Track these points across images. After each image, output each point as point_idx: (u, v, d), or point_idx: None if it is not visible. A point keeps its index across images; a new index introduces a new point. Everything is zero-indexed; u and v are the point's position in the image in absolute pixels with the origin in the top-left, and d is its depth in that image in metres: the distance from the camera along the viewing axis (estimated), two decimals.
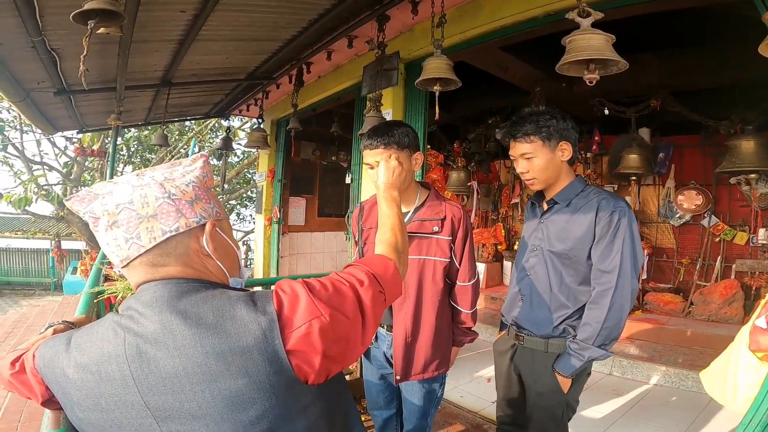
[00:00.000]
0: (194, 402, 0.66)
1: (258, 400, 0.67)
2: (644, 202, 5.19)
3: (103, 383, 0.69)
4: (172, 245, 0.74)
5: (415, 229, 1.63)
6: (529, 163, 1.55)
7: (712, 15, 3.08)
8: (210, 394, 0.66)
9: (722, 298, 4.31)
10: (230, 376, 0.66)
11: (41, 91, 3.66)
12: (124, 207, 0.72)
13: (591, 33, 1.55)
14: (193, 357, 0.66)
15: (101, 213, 0.73)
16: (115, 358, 0.69)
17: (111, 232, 0.73)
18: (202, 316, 0.69)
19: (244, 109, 5.77)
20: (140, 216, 0.72)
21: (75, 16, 1.45)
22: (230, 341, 0.67)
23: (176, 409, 0.67)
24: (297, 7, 2.83)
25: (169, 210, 0.73)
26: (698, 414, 2.85)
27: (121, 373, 0.68)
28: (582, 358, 1.46)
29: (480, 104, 5.37)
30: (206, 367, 0.66)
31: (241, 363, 0.66)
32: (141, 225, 0.72)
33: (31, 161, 11.25)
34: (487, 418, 2.82)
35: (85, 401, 0.70)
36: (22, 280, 13.84)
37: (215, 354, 0.66)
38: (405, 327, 1.63)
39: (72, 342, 0.74)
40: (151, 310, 0.70)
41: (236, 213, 17.77)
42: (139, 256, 0.73)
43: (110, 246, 0.74)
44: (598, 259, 1.47)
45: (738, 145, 3.68)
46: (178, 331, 0.67)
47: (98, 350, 0.70)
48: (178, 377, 0.66)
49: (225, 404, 0.66)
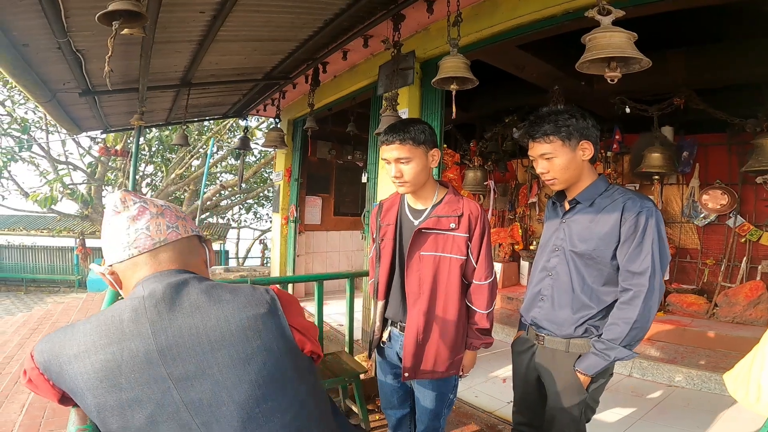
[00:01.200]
0: (215, 367, 0.75)
1: (269, 361, 0.78)
2: (667, 201, 5.08)
3: (124, 359, 0.74)
4: (194, 243, 0.94)
5: (432, 225, 1.62)
6: (550, 164, 1.52)
7: (736, 11, 3.01)
8: (229, 358, 0.76)
9: (747, 299, 4.18)
10: (246, 339, 0.77)
11: (67, 92, 3.76)
12: (167, 206, 0.92)
13: (612, 31, 1.52)
14: (216, 325, 0.78)
15: (150, 204, 0.90)
16: (138, 332, 0.76)
17: (155, 220, 0.88)
18: (221, 294, 0.82)
19: (261, 109, 5.84)
20: (178, 216, 0.92)
21: (100, 17, 1.49)
22: (248, 310, 0.80)
23: (196, 373, 0.75)
24: (313, 7, 2.85)
25: (189, 219, 0.96)
26: (720, 417, 2.78)
27: (145, 345, 0.75)
28: (608, 358, 1.44)
29: (497, 103, 5.32)
30: (228, 332, 0.77)
31: (255, 327, 0.79)
32: (179, 221, 0.91)
33: (56, 161, 11.59)
34: (502, 419, 2.80)
35: (102, 385, 0.73)
36: (48, 278, 14.24)
37: (235, 321, 0.78)
38: (417, 324, 1.62)
39: (79, 329, 0.78)
40: (172, 285, 0.82)
41: (253, 212, 18.01)
42: (173, 242, 0.88)
43: (150, 229, 0.87)
44: (626, 260, 1.44)
45: (764, 144, 3.58)
46: (204, 304, 0.79)
47: (117, 325, 0.77)
48: (197, 336, 0.76)
49: (242, 366, 0.76)
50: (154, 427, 0.72)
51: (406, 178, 1.59)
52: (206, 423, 0.74)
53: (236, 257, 18.26)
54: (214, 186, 13.33)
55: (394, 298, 1.73)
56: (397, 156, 1.57)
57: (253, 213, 18.10)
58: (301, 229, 6.31)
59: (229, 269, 9.29)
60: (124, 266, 0.85)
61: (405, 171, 1.58)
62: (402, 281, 1.67)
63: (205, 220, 15.58)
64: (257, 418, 0.75)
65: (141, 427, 0.72)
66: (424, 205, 1.69)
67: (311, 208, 6.61)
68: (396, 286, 1.71)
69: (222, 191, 13.14)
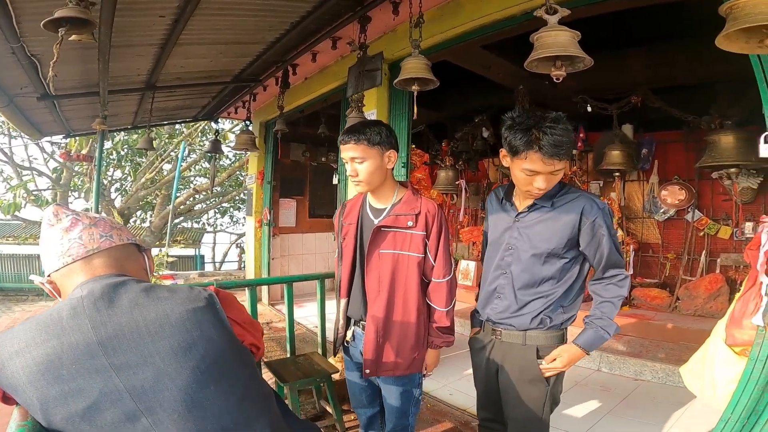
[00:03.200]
0: (156, 356, 0.78)
1: (210, 348, 0.82)
2: (629, 197, 5.24)
3: (65, 351, 0.75)
4: (130, 251, 0.98)
5: (390, 223, 1.66)
6: (545, 179, 1.49)
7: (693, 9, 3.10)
8: (170, 347, 0.79)
9: (707, 292, 4.35)
10: (186, 330, 0.81)
11: (24, 97, 3.65)
12: (101, 218, 0.96)
13: (557, 30, 1.57)
14: (155, 319, 0.81)
15: (83, 216, 0.94)
16: (77, 327, 0.78)
17: (88, 230, 0.92)
18: (158, 291, 0.86)
19: (233, 112, 5.77)
20: (113, 226, 0.96)
21: (46, 24, 1.46)
22: (186, 303, 0.84)
23: (138, 362, 0.78)
24: (278, 9, 2.84)
25: (125, 230, 1.00)
26: (684, 409, 2.88)
27: (85, 338, 0.76)
28: (607, 335, 1.55)
29: (467, 103, 5.40)
30: (166, 326, 0.80)
31: (195, 319, 0.82)
32: (113, 230, 0.95)
33: (19, 166, 11.16)
34: (475, 416, 2.83)
35: (44, 377, 0.74)
36: (15, 286, 13.71)
37: (174, 315, 0.82)
38: (377, 321, 1.65)
39: (18, 329, 0.80)
40: (110, 287, 0.85)
41: (229, 215, 17.72)
42: (107, 248, 0.92)
43: (83, 238, 0.90)
44: (597, 258, 1.56)
45: (718, 140, 3.73)
46: (143, 302, 0.82)
47: (57, 322, 0.78)
48: (141, 336, 0.79)
49: (183, 354, 0.79)
50: (99, 414, 0.74)
51: (361, 177, 1.64)
52: (150, 408, 0.76)
53: (213, 261, 17.94)
54: (187, 190, 13.06)
55: (355, 297, 1.76)
56: (352, 155, 1.63)
57: (229, 216, 17.82)
58: (276, 231, 6.26)
59: (204, 274, 9.12)
60: (60, 274, 0.89)
61: (360, 170, 1.63)
62: (362, 279, 1.70)
63: (179, 225, 15.26)
64: (201, 402, 0.78)
65: (85, 416, 0.74)
66: (384, 204, 1.72)
67: (286, 211, 6.56)
68: (357, 284, 1.74)
69: (195, 195, 12.89)
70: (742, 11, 1.25)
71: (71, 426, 0.74)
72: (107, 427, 0.74)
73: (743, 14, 1.24)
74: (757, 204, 4.42)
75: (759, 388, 1.63)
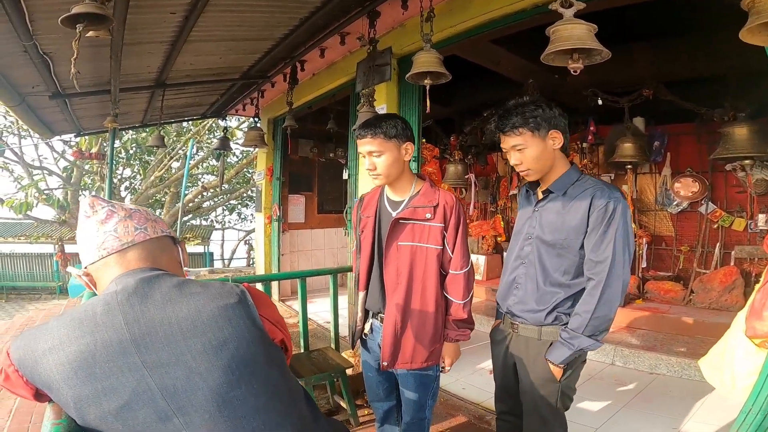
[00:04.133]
0: (188, 354, 0.77)
1: (241, 346, 0.80)
2: (641, 190, 5.19)
3: (98, 349, 0.75)
4: (164, 243, 0.96)
5: (408, 215, 1.66)
6: (522, 155, 1.54)
7: (702, 3, 3.07)
8: (201, 346, 0.78)
9: (722, 285, 4.30)
10: (218, 327, 0.80)
11: (36, 95, 3.69)
12: (136, 210, 0.95)
13: (573, 23, 1.56)
14: (186, 315, 0.80)
15: (119, 208, 0.93)
16: (111, 324, 0.78)
17: (123, 222, 0.91)
18: (191, 286, 0.85)
19: (241, 109, 5.79)
20: (147, 218, 0.95)
21: (63, 21, 1.47)
22: (218, 300, 0.83)
23: (170, 361, 0.77)
24: (287, 5, 2.84)
25: (159, 221, 0.99)
26: (701, 402, 2.86)
27: (118, 335, 0.76)
28: (572, 347, 1.47)
29: (476, 97, 5.38)
30: (198, 322, 0.79)
31: (226, 315, 0.81)
32: (148, 222, 0.94)
33: (30, 166, 11.30)
34: (489, 410, 2.84)
35: (77, 375, 0.74)
36: (28, 285, 13.91)
37: (206, 311, 0.81)
38: (395, 313, 1.65)
39: (52, 324, 0.80)
40: (144, 281, 0.84)
41: (237, 212, 17.83)
42: (142, 242, 0.91)
43: (118, 231, 0.90)
44: (591, 249, 1.47)
45: (731, 132, 3.68)
46: (175, 297, 0.82)
47: (91, 318, 0.78)
48: (173, 334, 0.78)
49: (214, 352, 0.78)
50: (132, 413, 0.74)
51: (379, 171, 1.64)
52: (182, 408, 0.75)
53: (221, 259, 18.07)
54: (195, 188, 13.15)
55: (373, 289, 1.76)
56: (369, 149, 1.63)
57: (237, 214, 17.93)
58: (285, 227, 6.29)
59: (214, 270, 9.19)
60: (96, 267, 0.89)
61: (378, 163, 1.64)
62: (381, 272, 1.71)
63: (188, 223, 15.37)
64: (232, 402, 0.78)
65: (118, 415, 0.74)
66: (401, 197, 1.72)
67: (294, 207, 6.58)
68: (375, 276, 1.74)
69: (204, 193, 12.97)
70: (764, 5, 1.24)
71: (105, 425, 0.75)
72: (139, 427, 0.74)
73: (766, 8, 1.23)
74: None
75: None
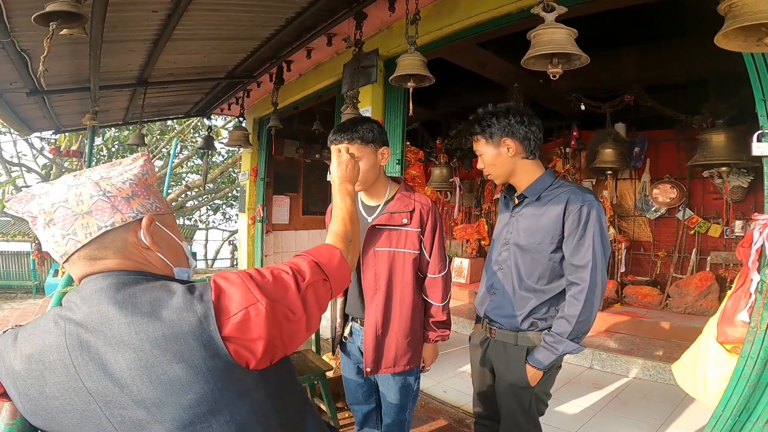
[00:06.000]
0: (133, 387, 0.69)
1: (196, 383, 0.69)
2: (621, 196, 5.28)
3: (47, 372, 0.71)
4: (109, 239, 0.77)
5: (385, 221, 1.65)
6: (482, 159, 1.64)
7: (686, 8, 3.13)
8: (148, 380, 0.68)
9: (698, 290, 4.40)
10: (166, 361, 0.68)
11: (14, 92, 3.60)
12: (59, 205, 0.75)
13: (554, 27, 1.58)
14: (130, 344, 0.69)
15: (38, 212, 0.76)
16: (56, 347, 0.71)
17: (48, 230, 0.76)
18: (138, 305, 0.71)
19: (226, 108, 5.72)
20: (75, 213, 0.75)
21: (37, 18, 1.44)
22: (165, 328, 0.69)
23: (117, 395, 0.70)
24: (273, 5, 2.82)
25: (104, 207, 0.77)
26: (676, 406, 2.91)
27: (63, 361, 0.71)
28: (556, 352, 1.48)
29: (462, 101, 5.41)
30: (142, 353, 0.68)
31: (176, 348, 0.69)
32: (76, 222, 0.75)
33: (8, 162, 11.02)
34: (470, 413, 2.85)
35: (31, 390, 0.72)
36: (3, 284, 13.50)
37: (150, 340, 0.69)
38: (375, 319, 1.65)
39: (18, 336, 0.76)
40: (90, 300, 0.73)
41: (222, 212, 17.64)
42: (76, 251, 0.76)
43: (49, 243, 0.77)
44: (570, 253, 1.49)
45: (709, 139, 3.77)
46: (115, 319, 0.70)
47: (41, 340, 0.73)
48: (117, 364, 0.69)
49: (163, 389, 0.68)
50: None
51: None
52: None
53: (205, 259, 17.84)
54: (179, 187, 12.97)
55: (352, 294, 1.76)
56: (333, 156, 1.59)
57: (221, 213, 17.74)
58: (269, 228, 6.23)
59: (197, 271, 9.07)
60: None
61: None
62: (359, 277, 1.70)
63: None
64: None
65: None
66: (376, 202, 1.71)
67: (279, 208, 6.53)
68: (353, 282, 1.73)
69: (187, 192, 12.79)
70: (741, 9, 1.26)
71: None
72: None
73: (742, 12, 1.25)
74: (747, 202, 4.47)
75: (750, 386, 1.65)
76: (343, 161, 1.36)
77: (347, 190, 1.28)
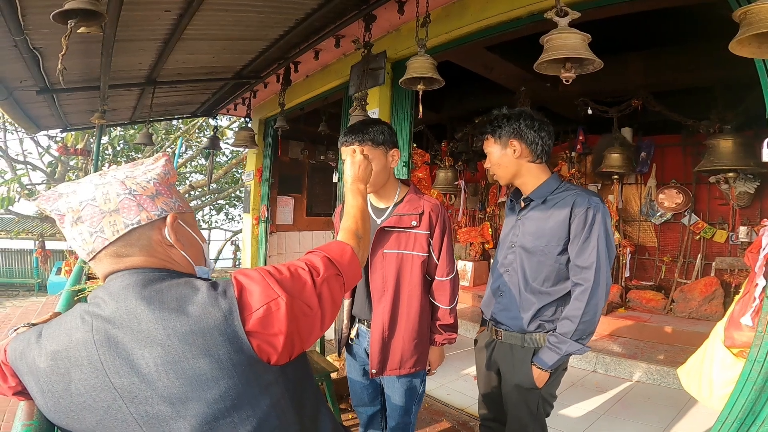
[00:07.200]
0: (159, 382, 0.70)
1: (221, 378, 0.70)
2: (627, 200, 5.28)
3: (73, 368, 0.72)
4: (135, 237, 0.79)
5: (394, 223, 1.65)
6: (488, 158, 1.69)
7: (694, 14, 3.14)
8: (174, 375, 0.70)
9: (702, 295, 4.39)
10: (192, 356, 0.70)
11: (23, 90, 3.62)
12: (87, 204, 0.77)
13: (567, 32, 1.58)
14: (157, 339, 0.70)
15: (66, 210, 0.77)
16: (83, 344, 0.72)
17: (76, 228, 0.77)
18: (165, 301, 0.72)
19: (232, 108, 5.75)
20: (103, 211, 0.77)
21: (55, 16, 1.45)
22: (192, 323, 0.70)
23: (143, 390, 0.71)
24: (283, 6, 2.84)
25: (130, 205, 0.78)
26: (680, 410, 2.91)
27: (90, 357, 0.72)
28: (560, 352, 1.49)
29: (467, 104, 5.42)
30: (169, 348, 0.70)
31: (202, 343, 0.70)
32: (104, 219, 0.77)
33: (14, 160, 11.08)
34: (473, 416, 2.85)
35: (56, 388, 0.73)
36: (6, 281, 13.54)
37: (177, 335, 0.70)
38: (383, 321, 1.65)
39: (43, 333, 0.77)
40: (117, 296, 0.74)
41: (225, 212, 17.65)
42: (104, 249, 0.77)
43: (77, 241, 0.78)
44: (575, 254, 1.50)
45: (716, 145, 3.77)
46: (143, 315, 0.71)
47: (67, 337, 0.74)
48: (144, 359, 0.70)
49: (189, 383, 0.70)
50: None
51: None
52: None
53: None
54: (183, 186, 13.01)
55: (359, 296, 1.76)
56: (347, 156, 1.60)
57: (224, 214, 17.76)
58: (273, 229, 6.25)
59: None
60: None
61: None
62: (366, 279, 1.70)
63: None
64: None
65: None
66: (386, 204, 1.72)
67: (283, 209, 6.55)
68: (361, 283, 1.73)
69: (191, 191, 12.83)
70: (756, 17, 1.27)
71: None
72: None
73: (758, 20, 1.26)
74: (753, 208, 4.46)
75: (756, 390, 1.65)
76: (356, 161, 1.38)
77: (359, 189, 1.31)
